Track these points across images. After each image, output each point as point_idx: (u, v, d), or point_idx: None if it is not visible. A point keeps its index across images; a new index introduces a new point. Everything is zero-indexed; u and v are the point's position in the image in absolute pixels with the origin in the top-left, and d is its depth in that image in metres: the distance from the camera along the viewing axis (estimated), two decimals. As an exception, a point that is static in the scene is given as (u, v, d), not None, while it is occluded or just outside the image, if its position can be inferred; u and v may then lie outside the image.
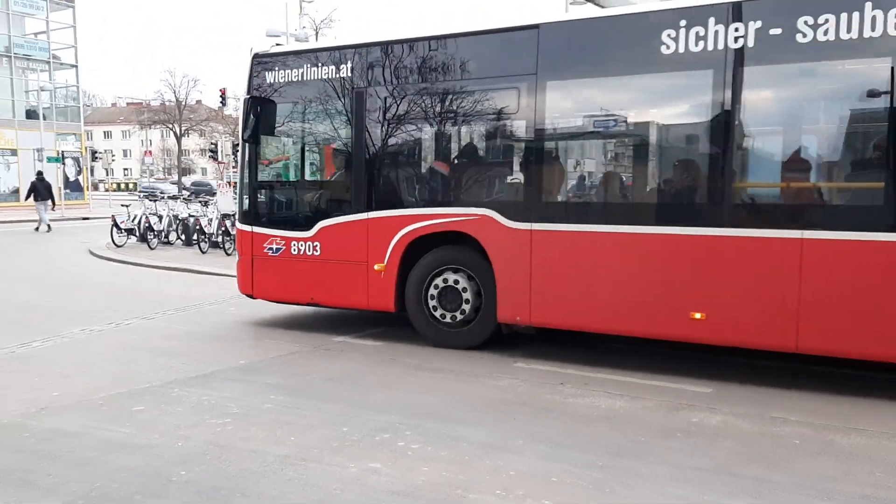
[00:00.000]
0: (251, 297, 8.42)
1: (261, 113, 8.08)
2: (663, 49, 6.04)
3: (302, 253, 7.88)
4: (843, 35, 5.44)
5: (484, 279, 7.01)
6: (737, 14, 5.78)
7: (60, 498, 3.75)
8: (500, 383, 6.02)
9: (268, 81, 8.13)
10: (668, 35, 6.01)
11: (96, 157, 40.35)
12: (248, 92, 8.20)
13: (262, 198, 8.36)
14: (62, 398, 5.49)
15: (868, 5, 5.36)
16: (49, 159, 30.56)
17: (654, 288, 6.17)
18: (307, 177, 8.57)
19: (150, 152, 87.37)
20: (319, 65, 7.82)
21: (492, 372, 6.33)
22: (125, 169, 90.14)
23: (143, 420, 5.00)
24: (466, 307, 7.14)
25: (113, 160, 60.03)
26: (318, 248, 7.79)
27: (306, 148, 8.49)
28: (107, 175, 67.50)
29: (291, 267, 7.97)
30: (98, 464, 4.20)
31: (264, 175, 8.52)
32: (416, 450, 4.46)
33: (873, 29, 5.36)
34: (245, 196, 8.38)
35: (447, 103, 7.23)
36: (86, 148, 39.30)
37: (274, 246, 8.09)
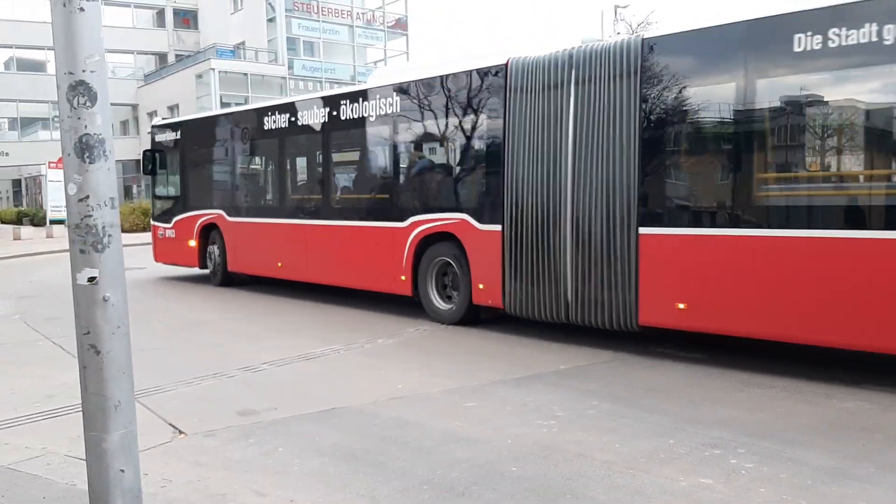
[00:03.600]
0: (156, 261, 14.73)
1: (154, 159, 14.18)
2: (266, 125, 11.77)
3: (168, 236, 14.20)
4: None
5: (222, 248, 12.86)
6: (291, 109, 11.31)
7: (410, 481, 4.12)
8: (844, 405, 5.44)
9: (157, 140, 14.34)
10: (270, 119, 11.67)
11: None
12: (151, 147, 14.39)
13: (157, 206, 14.88)
14: (404, 390, 6.07)
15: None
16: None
17: (269, 251, 11.73)
18: (170, 194, 14.49)
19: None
20: (175, 131, 14.03)
21: (834, 392, 5.75)
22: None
23: (475, 416, 5.33)
24: (215, 263, 13.16)
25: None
26: (174, 233, 14.04)
27: (169, 177, 14.45)
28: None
29: (167, 244, 14.28)
30: (438, 453, 4.55)
31: (158, 193, 14.90)
32: (750, 469, 4.20)
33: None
34: (153, 205, 15.25)
35: (213, 152, 13.32)
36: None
37: (160, 232, 14.47)
